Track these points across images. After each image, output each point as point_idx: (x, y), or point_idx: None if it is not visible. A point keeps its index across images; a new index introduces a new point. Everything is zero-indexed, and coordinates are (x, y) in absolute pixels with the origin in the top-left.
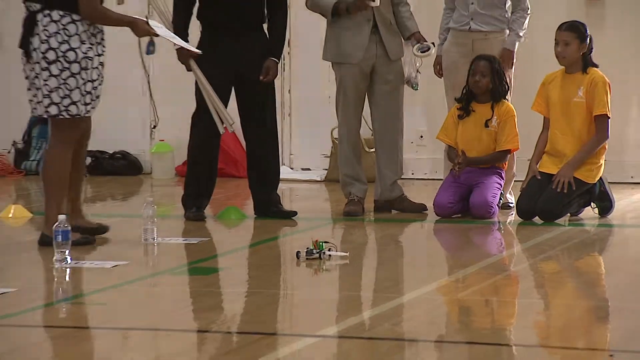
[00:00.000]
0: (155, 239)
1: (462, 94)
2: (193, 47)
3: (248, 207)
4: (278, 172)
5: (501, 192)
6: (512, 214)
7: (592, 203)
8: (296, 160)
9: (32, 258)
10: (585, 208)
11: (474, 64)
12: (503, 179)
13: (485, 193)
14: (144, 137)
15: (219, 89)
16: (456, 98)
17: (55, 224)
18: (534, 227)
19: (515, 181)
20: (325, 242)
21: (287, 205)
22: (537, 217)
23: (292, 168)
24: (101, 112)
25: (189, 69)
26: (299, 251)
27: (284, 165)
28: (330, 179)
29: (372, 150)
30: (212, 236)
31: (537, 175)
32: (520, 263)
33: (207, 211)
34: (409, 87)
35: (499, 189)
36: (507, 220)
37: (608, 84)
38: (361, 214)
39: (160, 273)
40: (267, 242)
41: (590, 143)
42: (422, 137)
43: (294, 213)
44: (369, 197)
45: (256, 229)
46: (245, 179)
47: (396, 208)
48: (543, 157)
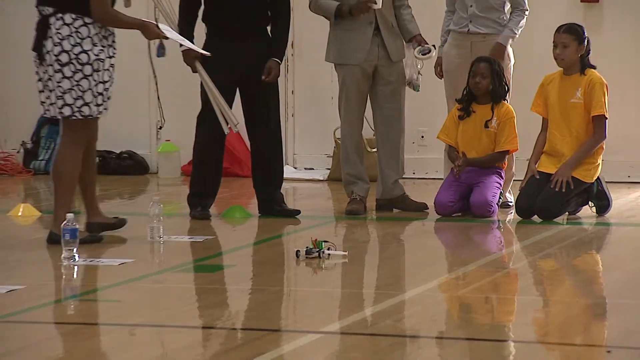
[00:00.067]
0: (161, 237)
1: (463, 95)
2: (201, 49)
3: (252, 206)
4: (282, 172)
5: (501, 192)
6: (512, 213)
7: (590, 202)
8: (299, 159)
9: (41, 256)
10: (583, 207)
11: (474, 66)
12: (502, 179)
13: (485, 192)
14: (151, 137)
15: (224, 90)
16: (457, 99)
17: (63, 223)
18: (533, 226)
19: (514, 180)
20: (324, 242)
21: (291, 204)
22: (536, 216)
23: (296, 167)
24: (108, 113)
25: (195, 71)
26: (299, 250)
27: (288, 164)
28: (333, 178)
29: (374, 150)
30: (217, 234)
31: (536, 174)
32: (519, 261)
33: (212, 210)
34: (411, 89)
35: (499, 188)
36: (507, 218)
37: (605, 85)
38: (363, 213)
39: (166, 270)
40: (271, 240)
41: (588, 143)
42: (423, 137)
43: (298, 212)
44: (371, 196)
45: (260, 228)
46: (249, 178)
47: (398, 207)
48: (542, 157)
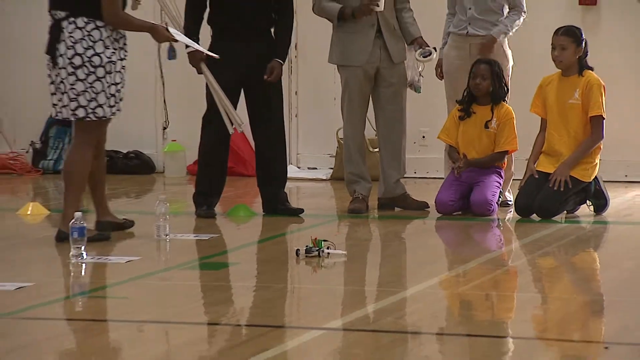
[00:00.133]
0: (167, 236)
1: (463, 96)
2: (210, 52)
3: (256, 205)
4: (285, 171)
5: (500, 191)
6: (511, 212)
7: (588, 201)
8: (303, 159)
9: (49, 254)
10: (581, 206)
11: (475, 68)
12: (502, 178)
13: (485, 191)
14: (157, 138)
15: (229, 91)
16: (457, 100)
17: (71, 221)
18: (532, 224)
19: (513, 180)
20: (324, 241)
21: (294, 202)
22: (535, 215)
23: (299, 167)
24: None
25: (200, 72)
26: (299, 249)
27: (291, 164)
28: (335, 178)
29: (376, 150)
30: (222, 233)
31: (535, 174)
32: (518, 259)
33: (217, 209)
34: (412, 90)
35: (498, 188)
36: (506, 217)
37: (603, 86)
38: (365, 211)
39: (172, 268)
40: (275, 239)
41: (585, 143)
42: (424, 138)
43: (301, 210)
44: (373, 195)
45: (264, 226)
46: (253, 178)
47: (399, 205)
48: (540, 157)
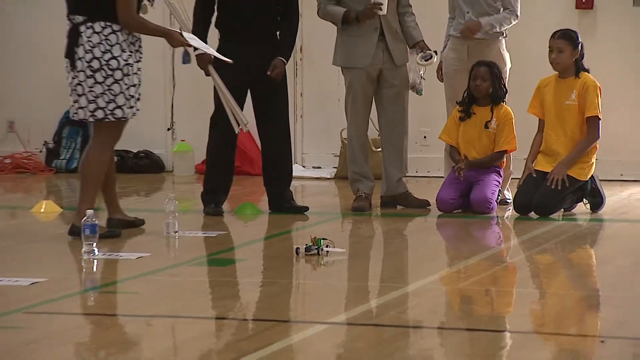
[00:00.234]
0: (176, 233)
1: (463, 98)
2: (222, 56)
3: (263, 203)
4: (291, 170)
5: (499, 189)
6: (510, 210)
7: (584, 199)
8: (308, 159)
9: (62, 250)
10: (577, 204)
11: (475, 70)
12: (501, 177)
13: (484, 190)
14: (166, 138)
15: (236, 93)
16: (457, 101)
17: (84, 218)
18: (530, 222)
19: (512, 179)
20: (323, 239)
21: (300, 201)
22: (533, 212)
23: (304, 166)
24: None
25: (208, 74)
26: (298, 247)
27: (297, 163)
28: (339, 177)
29: (379, 149)
30: (230, 230)
31: (533, 173)
32: (517, 255)
33: (225, 207)
34: (414, 93)
35: (498, 186)
36: (505, 215)
37: (599, 88)
38: (368, 209)
39: (181, 264)
40: (281, 236)
41: (582, 143)
42: (426, 138)
43: (306, 208)
44: (376, 194)
45: (270, 223)
46: (260, 177)
47: (401, 204)
48: (538, 156)
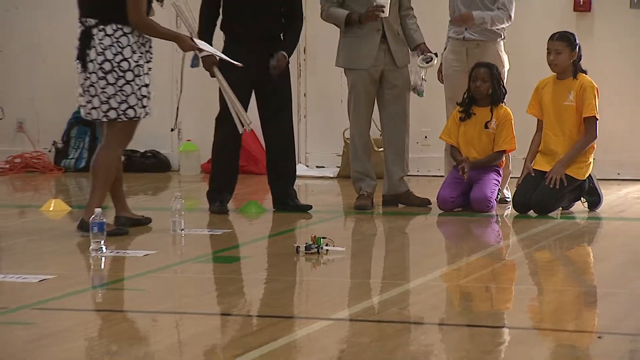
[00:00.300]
0: (182, 230)
1: (464, 98)
2: (233, 60)
3: (267, 202)
4: (294, 169)
5: (499, 188)
6: (509, 208)
7: (582, 198)
8: (311, 158)
9: (71, 248)
10: (575, 202)
11: (475, 71)
12: (501, 176)
13: (484, 189)
14: (173, 138)
15: (240, 94)
16: (458, 102)
17: (92, 216)
18: (529, 220)
19: (511, 178)
20: (323, 238)
21: (303, 199)
22: (532, 211)
23: (308, 166)
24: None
25: (213, 76)
26: (299, 246)
27: (300, 163)
28: (342, 176)
29: (381, 149)
30: (234, 228)
31: (532, 172)
32: (516, 252)
33: (230, 205)
34: (415, 94)
35: (497, 185)
36: (504, 213)
37: (596, 89)
38: (370, 208)
39: (187, 261)
40: (285, 233)
41: (580, 143)
42: (427, 138)
43: (309, 207)
44: (378, 192)
45: (274, 222)
46: (264, 176)
47: (403, 202)
48: (537, 156)
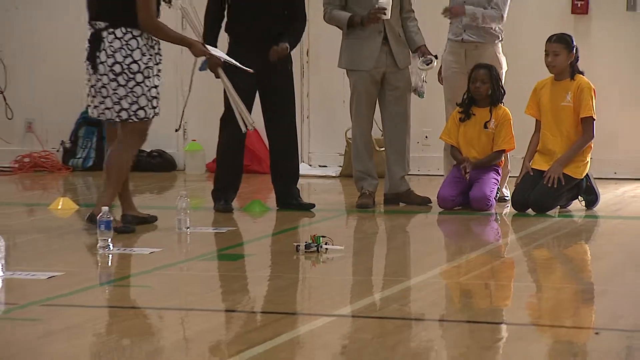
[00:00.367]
0: (188, 229)
1: (463, 99)
2: (243, 66)
3: (271, 200)
4: (297, 169)
5: (498, 187)
6: (508, 207)
7: (580, 197)
8: (314, 157)
9: (78, 245)
10: (573, 201)
11: (474, 72)
12: (500, 175)
13: (483, 188)
14: (178, 137)
15: (244, 94)
16: (457, 103)
17: (99, 215)
18: (527, 218)
19: (510, 177)
20: (322, 237)
21: (306, 198)
22: (530, 209)
23: (311, 165)
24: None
25: (217, 77)
26: (298, 245)
27: (303, 162)
28: (344, 175)
29: (382, 149)
30: (239, 226)
31: (530, 171)
32: (514, 250)
33: (234, 204)
34: (416, 95)
35: (496, 184)
36: (503, 212)
37: (593, 89)
38: (372, 207)
39: (192, 259)
40: (288, 232)
41: (577, 142)
42: (427, 138)
43: (312, 205)
44: (379, 191)
45: (278, 220)
46: (268, 175)
47: (403, 201)
48: (535, 156)
